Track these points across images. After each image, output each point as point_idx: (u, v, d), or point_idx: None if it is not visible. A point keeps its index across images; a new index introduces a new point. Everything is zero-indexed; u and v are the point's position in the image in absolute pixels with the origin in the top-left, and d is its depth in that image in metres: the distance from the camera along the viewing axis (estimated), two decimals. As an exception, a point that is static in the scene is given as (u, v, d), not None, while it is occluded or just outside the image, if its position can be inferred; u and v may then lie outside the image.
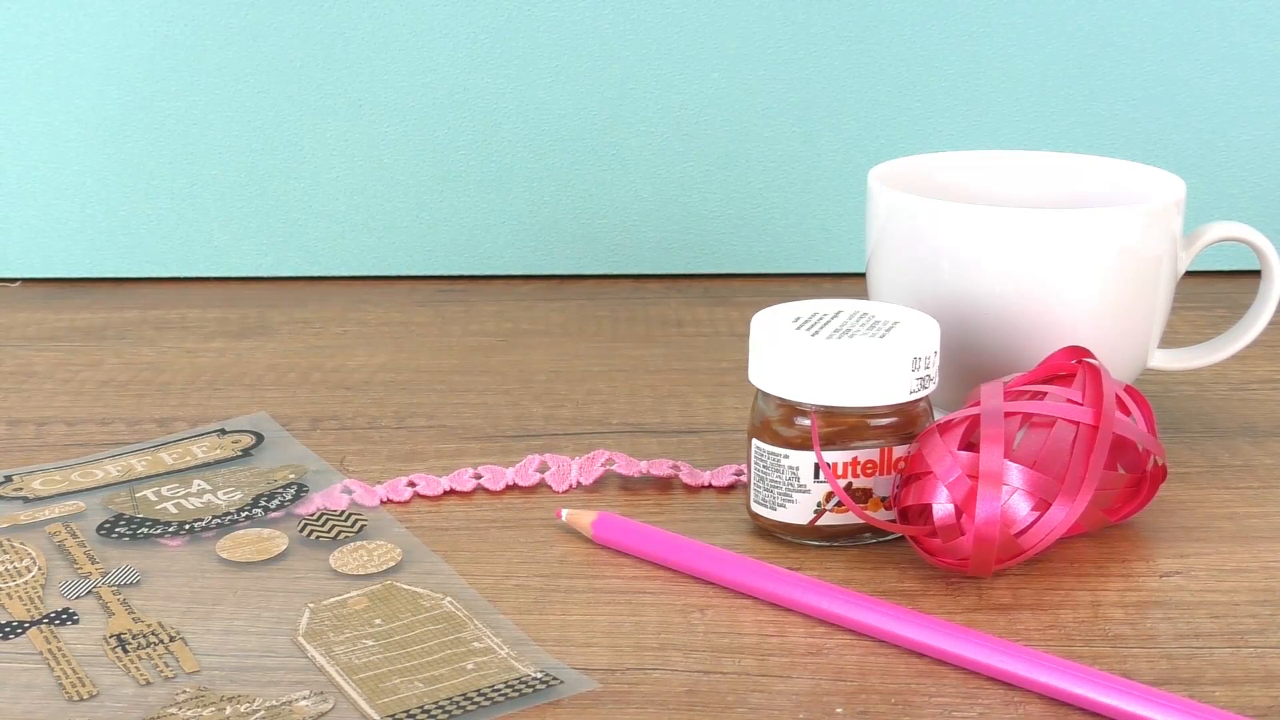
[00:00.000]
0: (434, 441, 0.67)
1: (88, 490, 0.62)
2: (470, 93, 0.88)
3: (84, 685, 0.49)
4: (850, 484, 0.56)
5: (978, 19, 0.86)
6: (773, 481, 0.56)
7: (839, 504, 0.56)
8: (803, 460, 0.56)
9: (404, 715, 0.47)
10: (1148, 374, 0.69)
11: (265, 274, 0.90)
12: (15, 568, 0.56)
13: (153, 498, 0.61)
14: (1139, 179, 0.68)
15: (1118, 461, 0.57)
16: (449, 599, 0.53)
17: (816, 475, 0.56)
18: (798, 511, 0.56)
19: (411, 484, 0.62)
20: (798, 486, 0.56)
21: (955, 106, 0.87)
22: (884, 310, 0.58)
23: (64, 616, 0.53)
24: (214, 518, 0.59)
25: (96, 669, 0.50)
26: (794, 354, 0.55)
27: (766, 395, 0.57)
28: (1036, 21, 0.86)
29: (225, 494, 0.61)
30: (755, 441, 0.57)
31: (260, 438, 0.67)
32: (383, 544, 0.57)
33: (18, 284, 0.90)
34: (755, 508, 0.57)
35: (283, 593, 0.54)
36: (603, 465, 0.63)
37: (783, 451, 0.56)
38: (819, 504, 0.56)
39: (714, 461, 0.64)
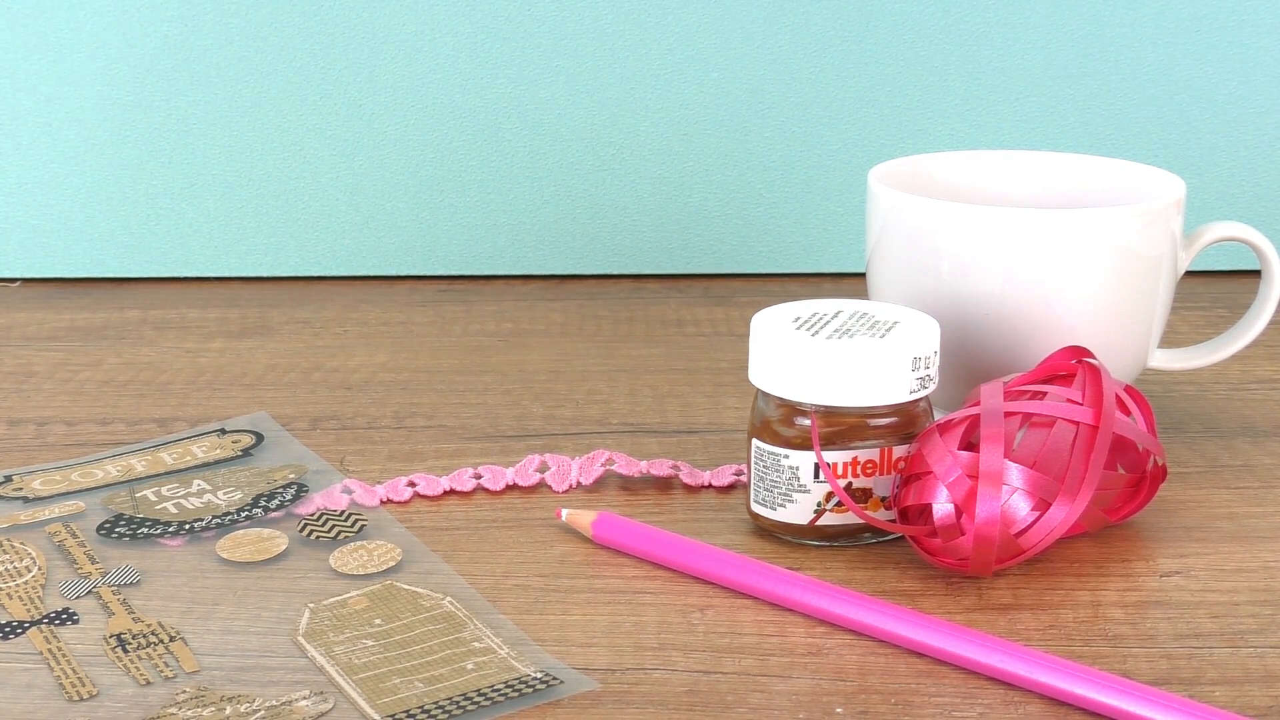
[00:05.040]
0: (434, 441, 0.67)
1: (88, 490, 0.62)
2: (470, 93, 0.88)
3: (84, 685, 0.49)
4: (850, 484, 0.56)
5: (978, 19, 0.86)
6: (773, 481, 0.56)
7: (839, 504, 0.56)
8: (803, 460, 0.56)
9: (404, 715, 0.47)
10: (1148, 374, 0.69)
11: (265, 274, 0.90)
12: (15, 568, 0.56)
13: (153, 498, 0.61)
14: (1139, 179, 0.68)
15: (1118, 461, 0.57)
16: (449, 599, 0.53)
17: (816, 475, 0.56)
18: (798, 511, 0.56)
19: (411, 484, 0.62)
20: (798, 486, 0.56)
21: (955, 106, 0.87)
22: (884, 310, 0.58)
23: (64, 616, 0.53)
24: (214, 518, 0.59)
25: (96, 669, 0.50)
26: (794, 354, 0.55)
27: (766, 395, 0.57)
28: (1036, 21, 0.86)
29: (225, 494, 0.61)
30: (755, 441, 0.57)
31: (260, 438, 0.67)
32: (383, 544, 0.57)
33: (18, 284, 0.90)
34: (755, 508, 0.57)
35: (283, 593, 0.54)
36: (603, 465, 0.63)
37: (783, 451, 0.56)
38: (819, 504, 0.56)
39: (714, 461, 0.64)
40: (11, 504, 0.61)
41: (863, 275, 0.68)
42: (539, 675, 0.49)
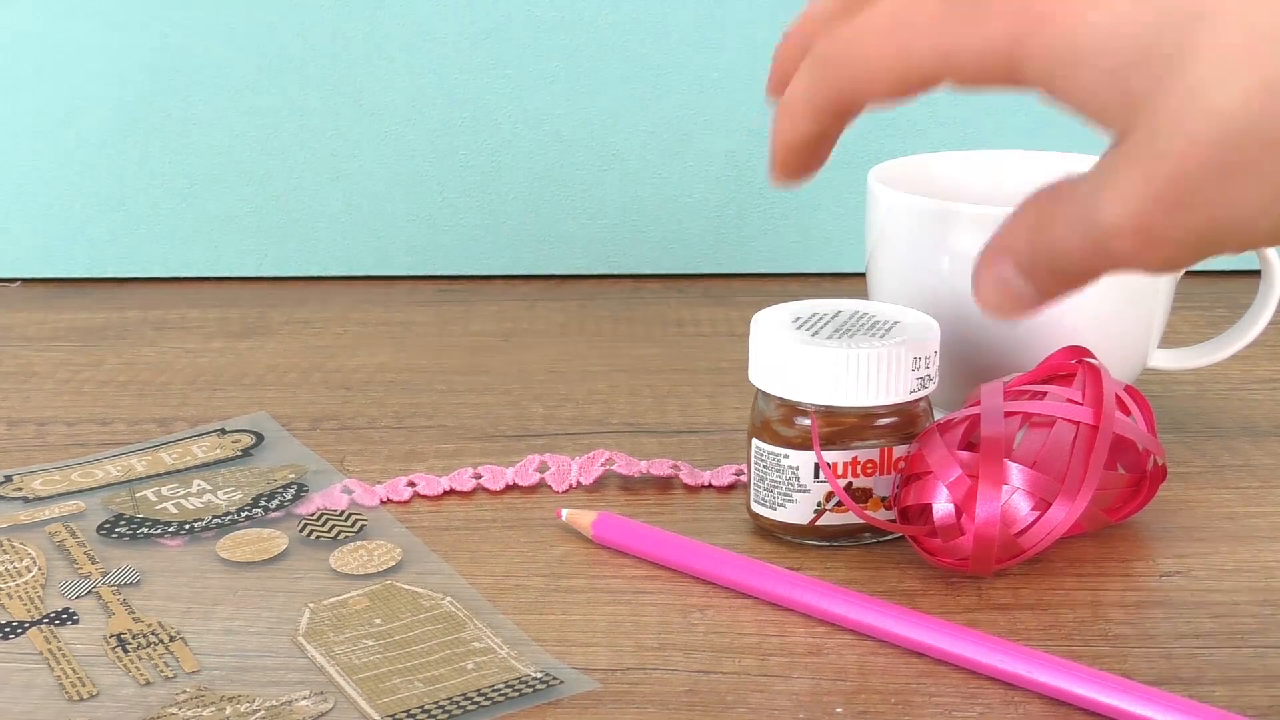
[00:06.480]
0: (434, 441, 0.67)
1: (88, 490, 0.62)
2: (470, 93, 0.88)
3: (84, 685, 0.49)
4: (850, 484, 0.56)
5: (978, 19, 0.86)
6: (773, 481, 0.56)
7: (839, 504, 0.56)
8: (803, 460, 0.56)
9: (404, 715, 0.47)
10: (1148, 374, 0.69)
11: (265, 274, 0.90)
12: (15, 568, 0.56)
13: (153, 498, 0.61)
14: (1139, 179, 0.68)
15: (1118, 461, 0.57)
16: (449, 599, 0.53)
17: (816, 475, 0.56)
18: (798, 511, 0.56)
19: (411, 484, 0.62)
20: (798, 486, 0.56)
21: (955, 106, 0.87)
22: (884, 310, 0.58)
23: (64, 616, 0.53)
24: (214, 518, 0.59)
25: (96, 669, 0.50)
26: (794, 354, 0.55)
27: (766, 395, 0.57)
28: (1036, 21, 0.86)
29: (225, 494, 0.61)
30: (755, 441, 0.57)
31: (260, 438, 0.67)
32: (383, 544, 0.57)
33: (18, 284, 0.90)
34: (755, 507, 0.57)
35: (283, 593, 0.54)
36: (603, 465, 0.63)
37: (783, 451, 0.56)
38: (819, 504, 0.56)
39: (714, 461, 0.64)
40: (11, 504, 0.61)
41: (863, 275, 0.68)
42: (539, 675, 0.49)
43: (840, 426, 0.56)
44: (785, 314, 0.58)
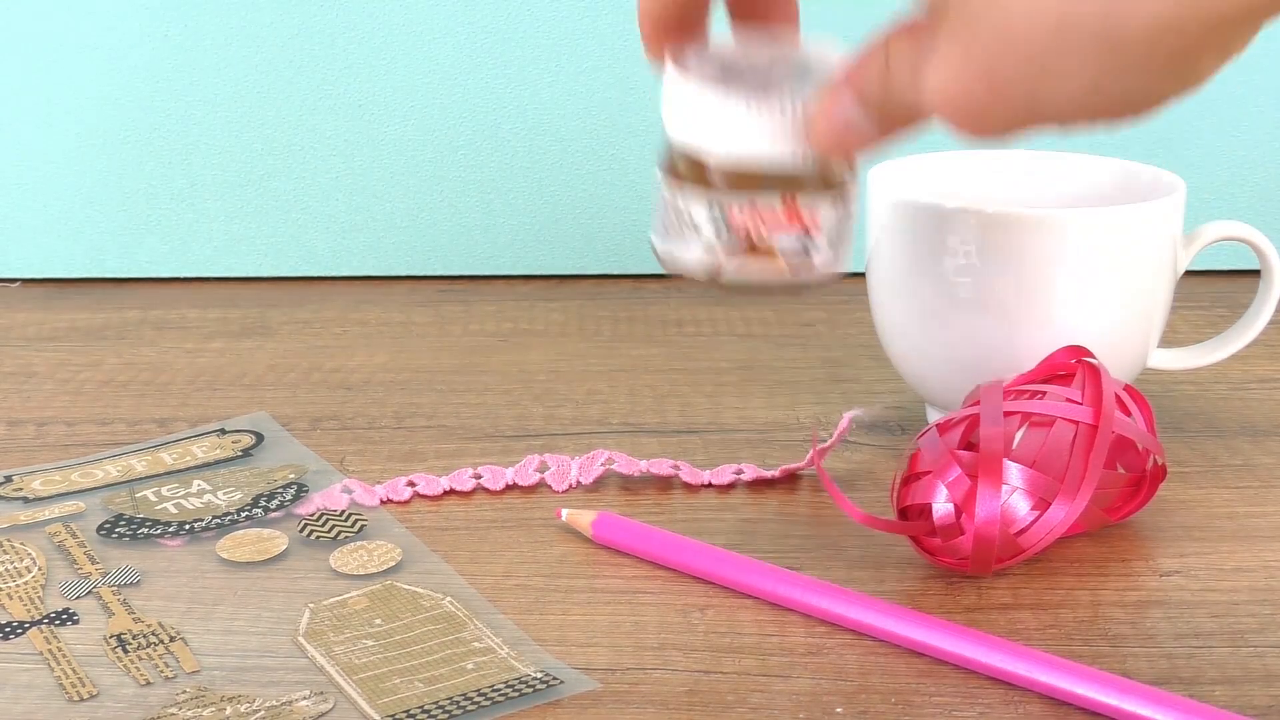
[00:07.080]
0: (434, 441, 0.67)
1: (88, 490, 0.62)
2: (470, 93, 0.88)
3: (84, 685, 0.49)
4: (748, 232, 0.49)
5: (978, 19, 0.86)
6: (667, 212, 0.50)
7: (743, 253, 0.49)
8: (694, 205, 0.49)
9: (404, 715, 0.47)
10: (1148, 374, 0.69)
11: (265, 274, 0.90)
12: (15, 568, 0.56)
13: (153, 498, 0.61)
14: (1139, 179, 0.68)
15: (1117, 461, 0.57)
16: (449, 599, 0.53)
17: (711, 217, 0.49)
18: (690, 250, 0.49)
19: (411, 484, 0.62)
20: (689, 223, 0.49)
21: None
22: (825, 61, 0.52)
23: (64, 616, 0.53)
24: (214, 518, 0.59)
25: (96, 669, 0.50)
26: (690, 97, 0.49)
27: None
28: (1036, 21, 0.86)
29: (225, 494, 0.61)
30: (657, 170, 0.50)
31: (260, 438, 0.67)
32: (383, 544, 0.57)
33: (18, 284, 0.90)
34: (653, 237, 0.51)
35: (283, 593, 0.54)
36: (603, 465, 0.63)
37: (676, 187, 0.49)
38: (710, 244, 0.49)
39: (714, 461, 0.64)
40: (11, 504, 0.61)
41: (862, 275, 0.68)
42: (539, 675, 0.49)
43: (740, 173, 0.49)
44: (709, 57, 0.51)
